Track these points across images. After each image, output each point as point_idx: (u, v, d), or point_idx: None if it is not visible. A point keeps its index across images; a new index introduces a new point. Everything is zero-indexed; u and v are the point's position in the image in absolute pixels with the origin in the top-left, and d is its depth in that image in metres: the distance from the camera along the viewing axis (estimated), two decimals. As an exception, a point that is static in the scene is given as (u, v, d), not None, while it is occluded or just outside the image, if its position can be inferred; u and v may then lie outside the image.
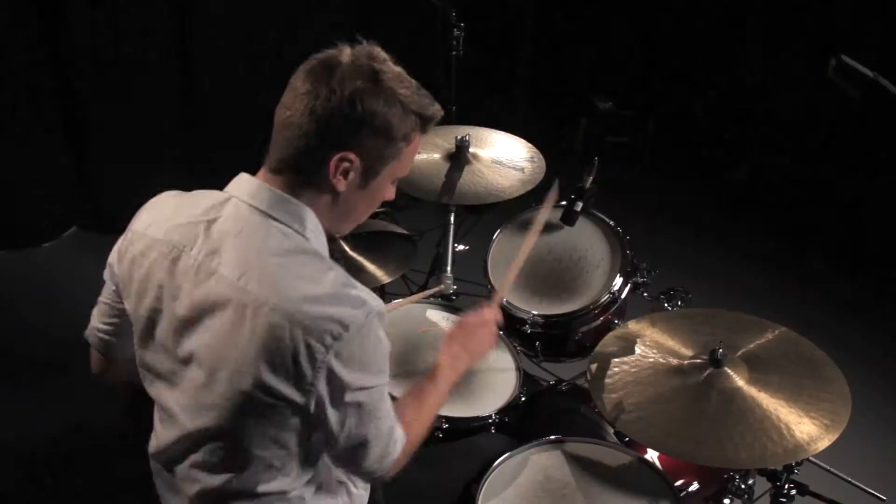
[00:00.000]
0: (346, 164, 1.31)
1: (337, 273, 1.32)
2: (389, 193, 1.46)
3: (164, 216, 1.39)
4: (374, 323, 1.30)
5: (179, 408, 1.40)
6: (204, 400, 1.35)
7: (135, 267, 1.39)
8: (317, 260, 1.33)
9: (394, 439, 1.42)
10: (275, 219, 1.32)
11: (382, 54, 1.34)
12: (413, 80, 1.36)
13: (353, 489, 1.57)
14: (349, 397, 1.31)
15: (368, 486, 1.63)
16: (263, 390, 1.29)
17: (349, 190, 1.35)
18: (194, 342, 1.34)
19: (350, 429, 1.34)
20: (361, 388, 1.31)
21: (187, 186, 1.46)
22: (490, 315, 1.75)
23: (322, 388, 1.28)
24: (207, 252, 1.32)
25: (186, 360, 1.37)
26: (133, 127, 3.67)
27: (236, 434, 1.35)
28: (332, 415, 1.32)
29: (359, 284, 1.33)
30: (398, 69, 1.34)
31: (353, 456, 1.39)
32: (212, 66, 3.74)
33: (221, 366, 1.31)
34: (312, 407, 1.30)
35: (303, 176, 1.33)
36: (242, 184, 1.36)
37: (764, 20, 4.29)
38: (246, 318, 1.28)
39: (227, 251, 1.31)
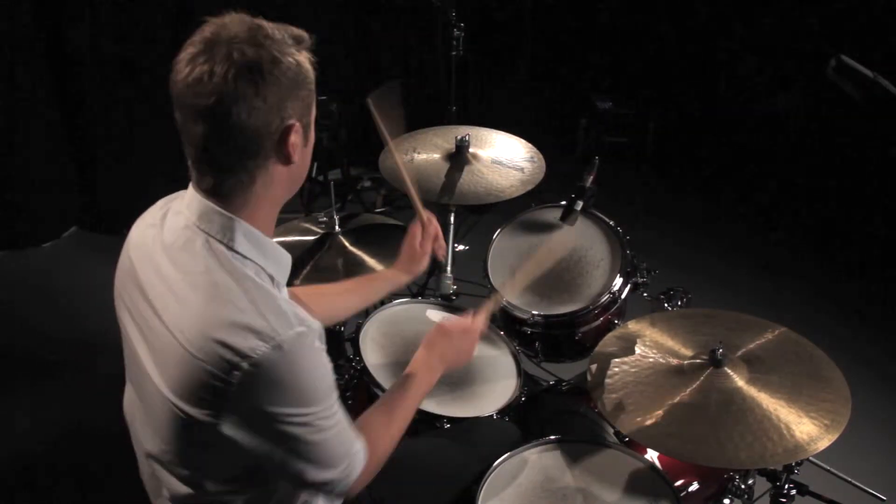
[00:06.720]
0: (295, 136, 1.25)
1: (254, 296, 1.22)
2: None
3: (145, 222, 1.38)
4: (288, 355, 1.19)
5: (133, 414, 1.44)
6: (137, 405, 1.38)
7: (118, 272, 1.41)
8: (232, 280, 1.23)
9: (352, 456, 1.34)
10: (203, 231, 1.26)
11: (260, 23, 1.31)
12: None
13: None
14: (266, 425, 1.21)
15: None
16: (178, 409, 1.23)
17: (299, 154, 1.28)
18: (128, 353, 1.37)
19: (282, 454, 1.24)
20: (282, 418, 1.21)
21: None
22: (476, 324, 1.69)
23: (231, 417, 1.20)
24: (143, 257, 1.32)
25: (129, 370, 1.39)
26: (133, 127, 3.67)
27: (172, 449, 1.31)
28: (248, 440, 1.22)
29: (278, 307, 1.22)
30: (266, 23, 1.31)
31: (301, 477, 1.29)
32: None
33: (142, 379, 1.31)
34: (226, 432, 1.21)
35: (248, 172, 1.24)
36: (186, 194, 1.32)
37: (763, 20, 4.29)
38: (156, 332, 1.26)
39: (162, 261, 1.29)
